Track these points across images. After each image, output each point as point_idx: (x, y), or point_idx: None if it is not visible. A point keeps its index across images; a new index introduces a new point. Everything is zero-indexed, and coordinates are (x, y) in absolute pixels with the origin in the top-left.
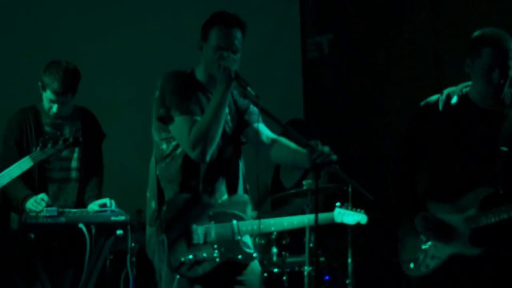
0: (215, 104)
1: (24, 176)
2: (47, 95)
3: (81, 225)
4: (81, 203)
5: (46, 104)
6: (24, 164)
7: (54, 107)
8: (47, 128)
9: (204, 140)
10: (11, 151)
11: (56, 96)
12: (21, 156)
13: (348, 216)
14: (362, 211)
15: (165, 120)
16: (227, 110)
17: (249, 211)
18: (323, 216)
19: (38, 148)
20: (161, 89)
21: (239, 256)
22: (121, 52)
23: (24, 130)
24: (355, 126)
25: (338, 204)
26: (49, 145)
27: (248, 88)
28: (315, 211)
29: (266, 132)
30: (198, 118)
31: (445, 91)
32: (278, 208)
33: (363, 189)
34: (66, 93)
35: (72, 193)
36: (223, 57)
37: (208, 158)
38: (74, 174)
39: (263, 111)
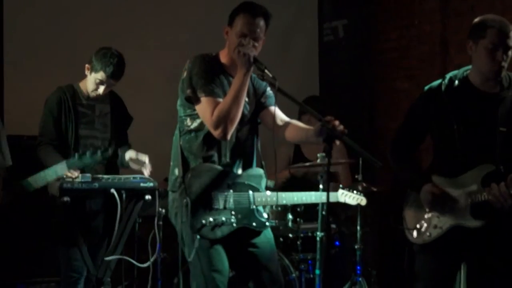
0: (236, 88)
1: (60, 145)
2: (98, 76)
3: (112, 191)
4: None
5: (91, 85)
6: (59, 169)
7: (101, 89)
8: (82, 109)
9: (225, 120)
10: (48, 129)
11: (107, 79)
12: (59, 134)
13: (350, 197)
14: (362, 194)
15: (191, 100)
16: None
17: (264, 184)
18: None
19: (77, 155)
20: (189, 71)
21: (254, 224)
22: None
23: (63, 108)
24: (365, 106)
25: (341, 186)
26: (88, 154)
27: (266, 71)
28: (327, 180)
29: (280, 115)
30: (221, 100)
31: (447, 76)
32: (296, 179)
33: (372, 157)
34: (117, 77)
35: (101, 172)
36: (243, 44)
37: (229, 136)
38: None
39: (280, 91)
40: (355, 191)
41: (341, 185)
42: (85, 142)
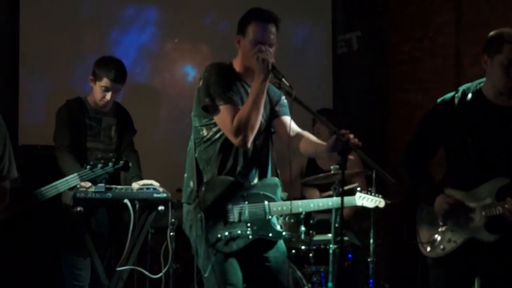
0: (254, 95)
1: (75, 150)
2: (102, 83)
3: (126, 201)
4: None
5: (98, 94)
6: (72, 181)
7: (108, 95)
8: (89, 121)
9: (245, 127)
10: (64, 136)
11: (112, 83)
12: (73, 140)
13: (368, 200)
14: (380, 196)
15: (209, 109)
16: None
17: (279, 193)
18: (346, 199)
19: (88, 167)
20: (205, 80)
21: (270, 234)
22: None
23: (72, 121)
24: (379, 118)
25: (359, 189)
26: (99, 166)
27: (283, 79)
28: (341, 192)
29: (292, 126)
30: (240, 107)
31: (461, 88)
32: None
33: (385, 173)
34: (120, 80)
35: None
36: (261, 50)
37: (249, 144)
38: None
39: (296, 100)
40: (372, 193)
41: (358, 188)
42: (91, 154)
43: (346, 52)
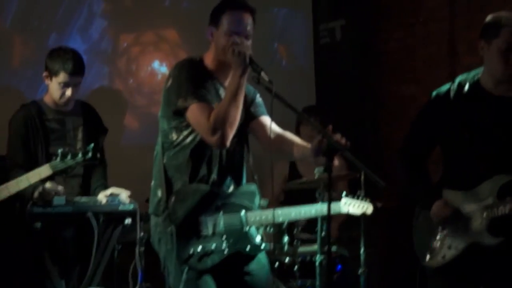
0: (233, 89)
1: (31, 167)
2: (60, 79)
3: (89, 214)
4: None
5: (56, 92)
6: (43, 172)
7: (68, 91)
8: (51, 124)
9: (224, 124)
10: (18, 152)
11: (70, 76)
12: (28, 155)
13: (354, 206)
14: (368, 200)
15: (182, 110)
16: None
17: (257, 201)
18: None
19: (59, 158)
20: (175, 79)
21: (247, 248)
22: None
23: (30, 127)
24: (368, 114)
25: (344, 193)
26: (69, 157)
27: (262, 74)
28: (328, 197)
29: (273, 127)
30: (214, 106)
31: (457, 80)
32: (292, 197)
33: (375, 176)
34: (79, 72)
35: (77, 187)
36: (237, 43)
37: (228, 143)
38: (78, 169)
39: (277, 97)
40: (359, 199)
41: (344, 192)
42: (69, 171)
43: (329, 42)
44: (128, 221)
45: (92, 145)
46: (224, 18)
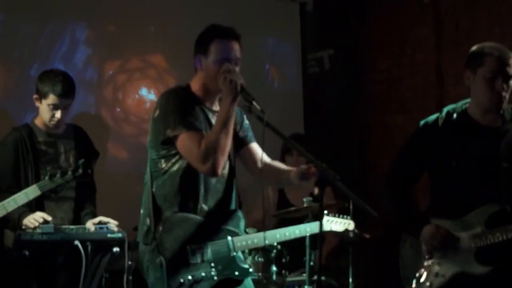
0: (223, 117)
1: (18, 191)
2: (49, 101)
3: (76, 242)
4: (78, 221)
5: (46, 114)
6: (31, 193)
7: (58, 113)
8: (42, 147)
9: (214, 152)
10: (5, 177)
11: (59, 99)
12: (17, 180)
13: (336, 223)
14: (349, 217)
15: (172, 140)
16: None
17: (242, 226)
18: (313, 225)
19: (47, 177)
20: (163, 109)
21: (236, 273)
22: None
23: (20, 151)
24: (356, 143)
25: (325, 212)
26: (58, 175)
27: (254, 103)
28: (319, 226)
29: (259, 154)
30: (204, 133)
31: (445, 109)
32: (282, 225)
33: (367, 206)
34: (69, 94)
35: (70, 211)
36: (229, 70)
37: (220, 170)
38: (70, 192)
39: (268, 126)
40: (340, 216)
41: (325, 211)
42: (58, 189)
43: (318, 72)
44: (116, 249)
45: (82, 160)
46: (213, 47)
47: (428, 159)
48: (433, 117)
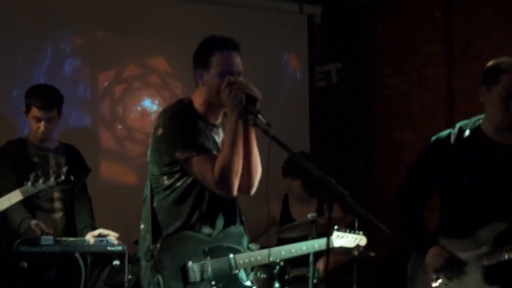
0: (231, 137)
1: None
2: (33, 113)
3: (76, 255)
4: (70, 233)
5: (32, 126)
6: (13, 197)
7: (41, 125)
8: (35, 159)
9: (229, 176)
10: (1, 183)
11: (40, 111)
12: (12, 188)
13: (347, 239)
14: (361, 232)
15: (181, 163)
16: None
17: (245, 242)
18: (321, 242)
19: (30, 183)
20: (167, 130)
21: None
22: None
23: (13, 162)
24: (362, 159)
25: (336, 227)
26: (41, 181)
27: (259, 116)
28: (327, 243)
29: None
30: (215, 152)
31: (458, 125)
32: (285, 243)
33: (379, 223)
34: (51, 106)
35: (61, 222)
36: (232, 83)
37: (235, 191)
38: (58, 204)
39: (274, 140)
40: (351, 231)
41: (336, 226)
42: (41, 195)
43: (325, 85)
44: (116, 262)
45: (66, 168)
46: (214, 60)
47: (439, 176)
48: (445, 133)
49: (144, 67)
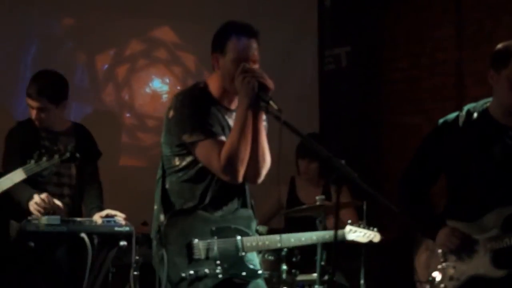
0: (240, 124)
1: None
2: (27, 101)
3: (83, 235)
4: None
5: (30, 113)
6: (15, 176)
7: (33, 114)
8: (44, 142)
9: (236, 163)
10: (15, 160)
11: (31, 100)
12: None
13: (360, 234)
14: (375, 229)
15: (188, 146)
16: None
17: (254, 226)
18: (332, 234)
19: (33, 161)
20: (178, 112)
21: (243, 273)
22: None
23: (24, 145)
24: (371, 142)
25: (349, 221)
26: (44, 159)
27: (271, 102)
28: (335, 227)
29: None
30: (223, 138)
31: (465, 108)
32: (292, 224)
33: (388, 202)
34: (40, 96)
35: (66, 208)
36: (246, 70)
37: (241, 178)
38: (67, 190)
39: (286, 125)
40: (365, 227)
41: (349, 221)
42: (48, 179)
43: (334, 69)
44: (123, 243)
45: (72, 145)
46: (230, 45)
47: (445, 158)
48: (453, 115)
49: (148, 41)
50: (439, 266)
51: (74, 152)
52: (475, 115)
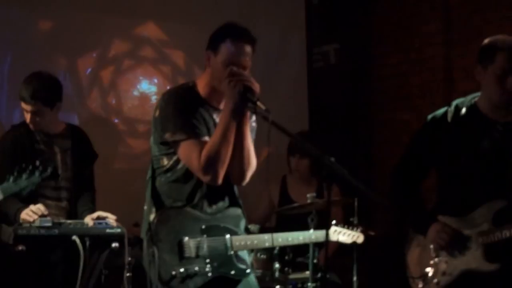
0: (223, 126)
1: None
2: (22, 104)
3: (74, 237)
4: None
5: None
6: None
7: (28, 118)
8: (40, 146)
9: (215, 164)
10: (4, 171)
11: (25, 103)
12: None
13: (344, 234)
14: (359, 229)
15: (170, 144)
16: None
17: (243, 225)
18: (318, 234)
19: (11, 179)
20: (162, 111)
21: (232, 272)
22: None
23: (18, 148)
24: (361, 140)
25: (334, 222)
26: (24, 177)
27: (258, 103)
28: (326, 225)
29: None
30: (206, 138)
31: (454, 103)
32: (284, 222)
33: (378, 197)
34: (34, 100)
35: (64, 212)
36: (234, 74)
37: (220, 180)
38: (64, 193)
39: (274, 125)
40: (349, 227)
41: (333, 221)
42: (43, 185)
43: (323, 66)
44: (115, 244)
45: (52, 164)
46: (224, 47)
47: (435, 154)
48: (441, 110)
49: (133, 40)
50: (431, 262)
51: (55, 169)
52: (464, 110)
